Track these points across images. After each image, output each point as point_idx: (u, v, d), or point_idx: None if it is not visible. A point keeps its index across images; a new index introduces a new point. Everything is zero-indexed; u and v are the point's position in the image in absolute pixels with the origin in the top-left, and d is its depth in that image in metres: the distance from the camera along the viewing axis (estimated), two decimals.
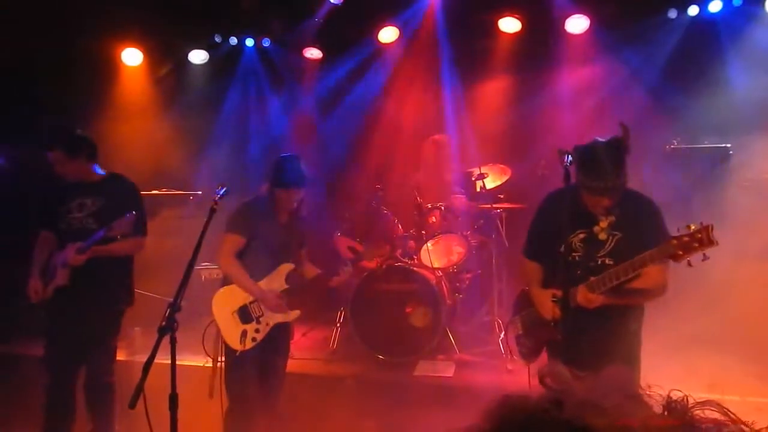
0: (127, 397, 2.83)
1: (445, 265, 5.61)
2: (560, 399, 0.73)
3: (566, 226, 3.13)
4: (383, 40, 6.92)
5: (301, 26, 6.94)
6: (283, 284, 3.94)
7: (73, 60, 6.50)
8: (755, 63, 5.88)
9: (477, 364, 5.23)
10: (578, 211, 3.14)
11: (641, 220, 3.11)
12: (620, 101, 6.30)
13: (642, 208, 3.15)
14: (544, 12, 6.43)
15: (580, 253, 3.18)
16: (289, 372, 5.04)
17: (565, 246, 3.14)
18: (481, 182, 5.72)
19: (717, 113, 5.78)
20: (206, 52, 7.17)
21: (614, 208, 3.11)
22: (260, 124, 7.20)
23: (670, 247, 2.79)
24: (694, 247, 2.74)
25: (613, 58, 6.40)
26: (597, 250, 3.15)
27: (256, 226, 3.88)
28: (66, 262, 4.01)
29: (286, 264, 3.95)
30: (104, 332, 4.21)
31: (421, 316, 5.31)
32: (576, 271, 3.14)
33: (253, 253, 3.91)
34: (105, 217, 4.01)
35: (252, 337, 3.87)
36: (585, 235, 3.18)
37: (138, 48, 7.09)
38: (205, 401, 3.94)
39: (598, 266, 3.12)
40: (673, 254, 2.79)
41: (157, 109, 7.17)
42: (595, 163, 2.97)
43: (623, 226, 3.12)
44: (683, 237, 2.77)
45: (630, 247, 3.02)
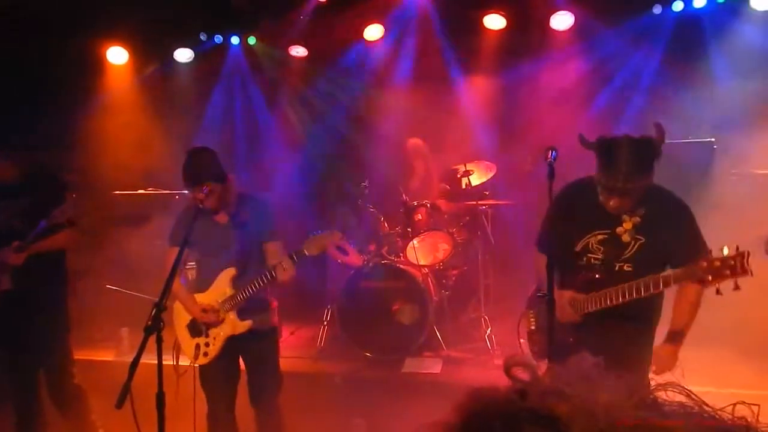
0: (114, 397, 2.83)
1: (431, 262, 5.62)
2: (525, 389, 0.73)
3: (584, 224, 2.93)
4: (369, 37, 6.91)
5: (287, 24, 6.92)
6: (226, 292, 3.64)
7: (57, 58, 6.44)
8: (739, 58, 5.92)
9: (464, 361, 5.26)
10: (598, 208, 2.87)
11: (669, 225, 2.83)
12: (605, 97, 6.35)
13: (671, 212, 2.86)
14: (528, 9, 6.45)
15: (598, 256, 2.91)
16: None
17: (583, 246, 2.93)
18: (467, 179, 5.74)
19: (701, 108, 5.82)
20: (192, 50, 7.14)
21: (639, 208, 2.84)
22: (246, 122, 7.17)
23: (699, 270, 2.50)
24: (725, 274, 2.44)
25: (598, 54, 6.43)
26: (618, 254, 2.88)
27: (189, 233, 3.47)
28: (5, 263, 3.90)
29: (228, 269, 3.64)
30: (54, 331, 4.12)
31: (408, 314, 5.32)
32: (594, 274, 2.91)
33: (198, 261, 3.79)
34: (31, 217, 3.89)
35: (204, 352, 3.68)
36: (605, 237, 2.91)
37: (123, 46, 7.04)
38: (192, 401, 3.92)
39: (616, 272, 2.87)
40: (702, 279, 2.51)
41: (142, 107, 7.13)
42: (615, 159, 2.67)
43: (648, 231, 2.84)
44: (714, 261, 2.47)
45: (654, 254, 2.79)
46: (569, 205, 3.00)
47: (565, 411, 0.69)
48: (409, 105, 6.70)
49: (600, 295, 2.85)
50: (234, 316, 3.64)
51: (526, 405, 0.71)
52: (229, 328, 3.65)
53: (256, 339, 3.70)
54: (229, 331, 3.64)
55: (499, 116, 6.56)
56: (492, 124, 6.54)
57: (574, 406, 0.70)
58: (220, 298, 3.64)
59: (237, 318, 3.64)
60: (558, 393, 0.71)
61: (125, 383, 2.82)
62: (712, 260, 2.48)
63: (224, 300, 3.63)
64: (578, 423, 0.68)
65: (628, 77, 6.40)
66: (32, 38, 6.38)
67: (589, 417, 0.69)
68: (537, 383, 0.74)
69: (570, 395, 0.71)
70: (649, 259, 2.79)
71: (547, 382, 0.75)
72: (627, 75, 6.41)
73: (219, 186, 3.52)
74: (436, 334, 5.36)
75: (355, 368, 5.24)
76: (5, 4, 6.07)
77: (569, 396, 0.71)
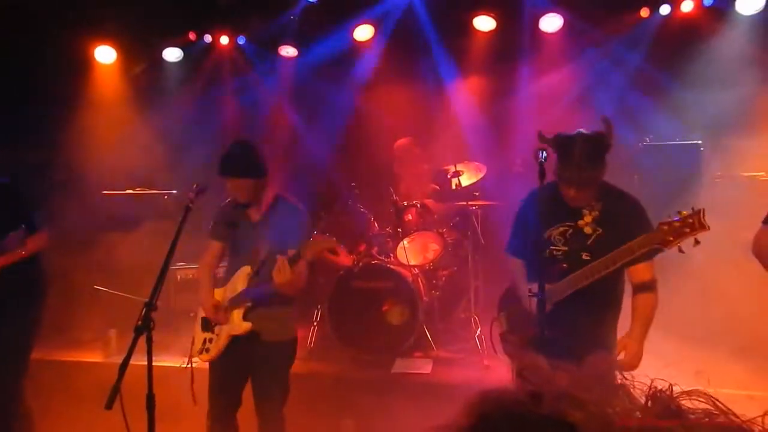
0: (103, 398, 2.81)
1: (421, 262, 5.63)
2: (539, 393, 0.71)
3: (547, 219, 3.14)
4: (359, 38, 6.91)
5: (277, 24, 6.91)
6: (239, 288, 3.59)
7: (44, 57, 6.39)
8: (725, 62, 5.99)
9: (454, 361, 5.27)
10: (560, 205, 3.12)
11: (624, 218, 3.04)
12: (594, 98, 6.39)
13: (626, 207, 3.09)
14: (518, 11, 6.48)
15: (561, 248, 3.13)
16: None
17: (545, 240, 3.13)
18: (457, 180, 5.76)
19: (689, 111, 5.88)
20: (180, 49, 7.10)
21: (597, 203, 3.07)
22: (235, 122, 7.15)
23: (660, 233, 2.73)
24: (685, 232, 2.67)
25: (587, 56, 6.48)
26: (582, 245, 3.09)
27: (228, 227, 3.68)
28: None
29: (245, 266, 3.59)
30: (11, 348, 3.95)
31: (398, 314, 5.33)
32: (561, 264, 3.10)
33: (228, 257, 3.77)
34: None
35: (206, 348, 3.66)
36: (566, 229, 3.13)
37: (111, 45, 7.00)
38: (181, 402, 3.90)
39: (581, 261, 3.06)
40: (663, 240, 2.72)
41: (131, 107, 7.09)
42: (569, 152, 2.93)
43: (605, 224, 3.07)
44: (674, 222, 2.70)
45: (612, 246, 2.94)
46: (534, 206, 3.25)
47: (580, 418, 0.68)
48: (399, 106, 6.71)
49: (568, 281, 3.03)
50: (239, 315, 3.58)
51: (540, 410, 0.70)
52: (231, 328, 3.59)
53: (267, 348, 3.59)
54: (231, 331, 3.59)
55: (489, 117, 6.59)
56: (482, 125, 6.57)
57: (590, 413, 0.68)
58: (230, 294, 3.62)
59: (240, 318, 3.57)
60: (573, 399, 0.70)
61: (115, 384, 2.81)
62: (671, 222, 2.70)
63: (234, 296, 3.59)
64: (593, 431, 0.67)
65: (617, 78, 6.45)
66: (19, 36, 6.33)
67: (605, 426, 0.68)
68: (551, 387, 0.72)
69: (585, 402, 0.69)
70: (607, 251, 2.96)
71: (561, 385, 0.73)
72: (615, 77, 6.46)
73: (251, 181, 3.50)
74: (426, 334, 5.36)
75: (345, 368, 5.23)
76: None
77: (585, 402, 0.69)
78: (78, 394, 4.73)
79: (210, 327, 3.67)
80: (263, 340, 3.58)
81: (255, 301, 3.56)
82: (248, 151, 3.57)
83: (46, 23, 6.36)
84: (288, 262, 3.31)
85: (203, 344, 3.67)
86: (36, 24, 6.33)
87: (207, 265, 3.78)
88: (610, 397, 0.71)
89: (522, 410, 0.71)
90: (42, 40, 6.41)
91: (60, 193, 6.14)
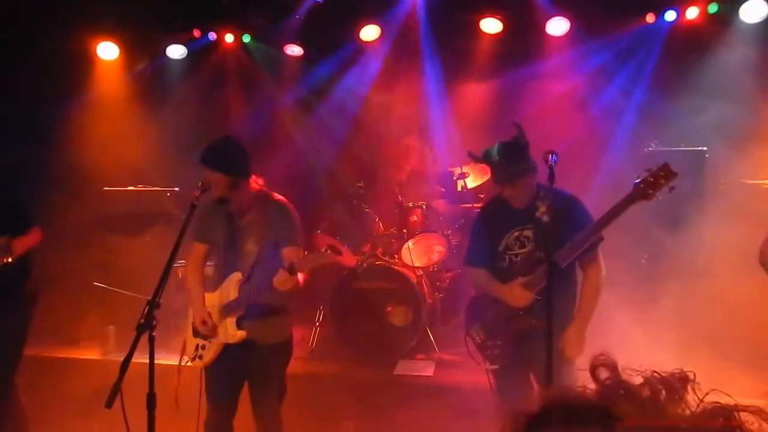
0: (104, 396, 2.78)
1: (425, 264, 5.61)
2: (611, 389, 0.74)
3: (499, 229, 3.45)
4: (365, 38, 6.88)
5: (282, 23, 6.88)
6: (229, 296, 3.50)
7: (46, 53, 6.35)
8: (731, 68, 5.99)
9: (457, 364, 5.22)
10: (509, 212, 3.43)
11: (568, 208, 3.35)
12: (600, 103, 6.39)
13: (568, 200, 3.41)
14: (525, 13, 6.47)
15: (519, 251, 3.41)
16: None
17: (502, 250, 3.44)
18: (462, 181, 5.74)
19: (694, 117, 5.87)
20: (184, 47, 7.06)
21: (545, 199, 3.26)
22: (240, 121, 7.11)
23: (639, 189, 3.03)
24: (661, 183, 3.00)
25: (594, 60, 6.47)
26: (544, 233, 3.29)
27: (209, 228, 3.59)
28: None
29: (235, 273, 3.50)
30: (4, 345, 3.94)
31: (401, 315, 5.30)
32: (535, 253, 3.35)
33: (214, 259, 3.68)
34: None
35: (199, 354, 3.57)
36: (519, 233, 3.42)
37: (114, 42, 6.94)
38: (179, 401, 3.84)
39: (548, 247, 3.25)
40: (644, 194, 3.02)
41: (133, 104, 7.04)
42: (492, 157, 3.33)
43: (555, 213, 3.24)
44: (647, 178, 3.02)
45: (554, 233, 3.18)
46: (485, 220, 3.62)
47: (629, 411, 0.71)
48: (404, 106, 6.68)
49: (569, 247, 3.22)
50: (232, 323, 3.48)
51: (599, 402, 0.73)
52: (225, 336, 3.49)
53: (261, 352, 3.52)
54: (224, 339, 3.50)
55: (495, 119, 6.56)
56: (488, 127, 6.54)
57: (642, 408, 0.72)
58: (224, 301, 3.51)
59: (234, 326, 3.48)
60: (635, 393, 0.73)
61: (116, 383, 2.78)
62: (645, 178, 3.02)
63: (227, 304, 3.49)
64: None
65: (622, 84, 6.45)
66: (22, 31, 6.29)
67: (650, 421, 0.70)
68: (624, 385, 0.75)
69: (643, 399, 0.73)
70: (552, 238, 3.21)
71: (634, 384, 0.75)
72: (621, 82, 6.47)
73: (224, 177, 3.40)
74: (429, 336, 5.34)
75: (346, 369, 5.21)
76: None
77: (642, 400, 0.73)
78: (75, 392, 4.69)
79: (201, 333, 3.58)
80: (258, 344, 3.51)
81: (249, 309, 3.47)
82: (229, 147, 3.51)
83: (49, 19, 6.31)
84: (288, 273, 3.22)
85: (195, 350, 3.59)
86: (38, 19, 6.28)
87: (196, 268, 3.65)
88: (675, 406, 0.73)
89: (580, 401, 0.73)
90: (44, 36, 6.37)
91: (60, 189, 6.11)
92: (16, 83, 6.34)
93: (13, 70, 6.34)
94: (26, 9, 6.22)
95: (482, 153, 3.43)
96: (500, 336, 3.48)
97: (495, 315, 3.49)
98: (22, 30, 6.27)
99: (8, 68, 6.29)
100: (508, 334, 3.45)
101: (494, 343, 3.51)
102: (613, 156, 5.94)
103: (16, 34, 6.27)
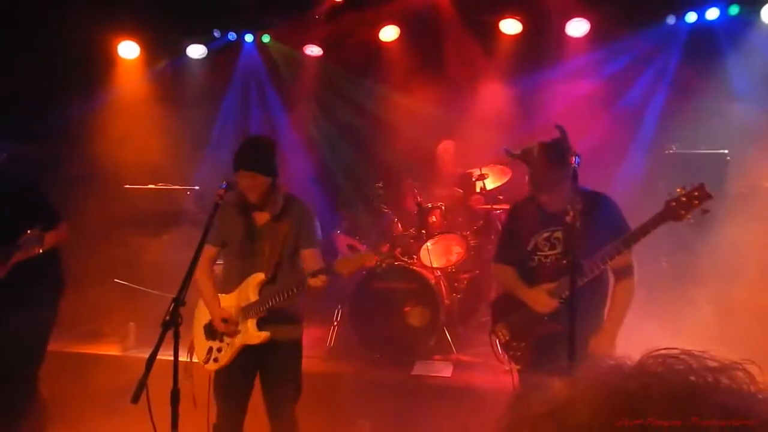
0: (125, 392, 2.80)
1: (444, 264, 5.60)
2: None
3: (530, 229, 3.38)
4: (384, 38, 6.90)
5: (302, 23, 6.91)
6: (249, 298, 3.44)
7: (68, 52, 6.41)
8: (752, 70, 5.94)
9: (474, 365, 5.21)
10: (540, 214, 3.37)
11: (602, 212, 3.27)
12: (620, 105, 6.36)
13: (602, 202, 3.32)
14: (544, 14, 6.46)
15: (549, 253, 3.34)
16: None
17: (531, 249, 3.37)
18: (482, 183, 5.74)
19: (715, 119, 5.83)
20: (204, 46, 7.11)
21: (576, 203, 3.17)
22: (260, 120, 7.15)
23: (670, 209, 2.92)
24: (694, 204, 2.89)
25: (613, 62, 6.44)
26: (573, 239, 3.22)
27: (225, 230, 3.47)
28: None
29: (257, 274, 3.44)
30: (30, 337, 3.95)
31: (419, 316, 5.29)
32: (561, 261, 3.28)
33: (226, 260, 3.59)
34: (3, 223, 3.77)
35: (214, 357, 3.48)
36: (549, 234, 3.34)
37: (135, 41, 7.01)
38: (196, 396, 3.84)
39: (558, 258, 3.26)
40: (676, 215, 2.92)
41: (153, 103, 7.10)
42: (535, 161, 3.23)
43: (585, 218, 3.17)
44: (680, 198, 2.91)
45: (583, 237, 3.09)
46: (516, 218, 3.55)
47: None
48: (423, 107, 6.69)
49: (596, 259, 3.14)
50: (253, 324, 3.44)
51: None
52: (245, 337, 3.44)
53: (277, 351, 3.49)
54: (245, 340, 3.44)
55: (514, 121, 6.55)
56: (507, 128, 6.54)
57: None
58: (243, 303, 3.45)
59: (255, 327, 3.44)
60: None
61: (141, 378, 2.79)
62: (678, 197, 2.92)
63: (246, 306, 3.43)
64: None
65: (642, 86, 6.42)
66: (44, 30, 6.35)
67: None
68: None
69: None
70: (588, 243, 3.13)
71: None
72: (641, 83, 6.44)
73: (265, 180, 3.37)
74: (447, 337, 5.33)
75: (364, 369, 5.20)
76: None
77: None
78: (96, 387, 4.73)
79: (216, 335, 3.51)
80: (276, 344, 3.47)
81: (272, 310, 3.41)
82: (266, 147, 3.47)
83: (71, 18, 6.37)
84: (326, 273, 3.23)
85: (208, 353, 3.50)
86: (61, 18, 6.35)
87: (206, 272, 3.55)
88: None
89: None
90: (66, 35, 6.43)
91: (81, 186, 6.17)
92: (38, 81, 6.40)
93: (35, 68, 6.41)
94: (49, 8, 6.28)
95: (521, 151, 3.32)
96: (525, 337, 3.45)
97: (520, 316, 3.45)
98: (45, 28, 6.33)
99: (30, 66, 6.37)
100: (533, 337, 3.42)
101: (519, 344, 3.47)
102: (634, 158, 5.91)
103: (39, 33, 6.34)
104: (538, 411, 0.69)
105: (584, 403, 0.66)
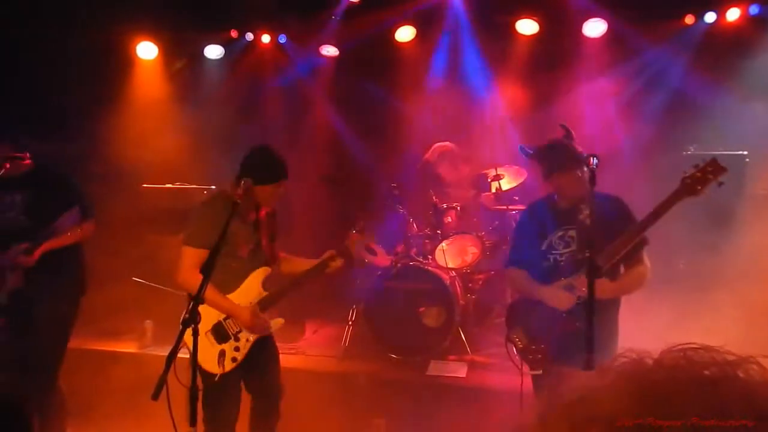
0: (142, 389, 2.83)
1: (459, 265, 5.60)
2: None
3: (544, 229, 3.42)
4: (400, 39, 6.91)
5: (318, 23, 6.93)
6: (260, 292, 3.55)
7: (87, 52, 6.49)
8: None
9: (489, 366, 5.20)
10: (555, 213, 3.42)
11: (606, 211, 3.25)
12: (637, 105, 6.32)
13: (606, 202, 3.33)
14: (561, 15, 6.43)
15: (564, 251, 3.36)
16: (300, 369, 5.07)
17: (545, 249, 3.40)
18: (497, 183, 5.73)
19: (734, 120, 5.78)
20: (222, 47, 7.16)
21: (587, 204, 3.21)
22: (275, 121, 7.18)
23: (686, 185, 2.98)
24: (709, 179, 2.95)
25: (631, 62, 6.41)
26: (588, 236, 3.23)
27: (222, 232, 3.36)
28: (16, 264, 3.82)
29: (261, 268, 3.55)
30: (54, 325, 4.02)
31: (434, 316, 5.30)
32: (577, 256, 3.29)
33: (222, 261, 3.45)
34: (37, 213, 3.88)
35: (231, 357, 3.46)
36: (564, 233, 3.38)
37: (153, 42, 7.07)
38: None
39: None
40: (692, 190, 2.97)
41: (171, 103, 7.16)
42: (551, 149, 3.35)
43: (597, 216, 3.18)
44: (695, 174, 2.97)
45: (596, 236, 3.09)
46: (531, 219, 3.58)
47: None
48: (439, 107, 6.68)
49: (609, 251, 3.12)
50: (269, 316, 3.60)
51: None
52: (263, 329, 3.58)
53: (271, 340, 3.73)
54: (263, 332, 3.58)
55: (531, 122, 6.52)
56: (523, 129, 6.52)
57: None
58: (253, 299, 3.52)
59: (271, 318, 3.59)
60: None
61: (162, 375, 2.81)
62: (693, 174, 2.98)
63: (259, 300, 3.52)
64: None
65: (661, 86, 6.36)
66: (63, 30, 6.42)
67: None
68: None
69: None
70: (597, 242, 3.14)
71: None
72: (659, 84, 6.38)
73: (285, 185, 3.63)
74: (462, 337, 5.33)
75: (379, 369, 5.22)
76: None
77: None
78: (113, 384, 4.79)
79: (227, 336, 3.48)
80: (270, 334, 3.67)
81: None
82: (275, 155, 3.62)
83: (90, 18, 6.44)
84: (342, 256, 3.63)
85: (220, 357, 3.42)
86: (80, 18, 6.42)
87: (197, 275, 3.37)
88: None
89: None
90: (85, 35, 6.51)
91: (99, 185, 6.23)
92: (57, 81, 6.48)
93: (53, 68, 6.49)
94: (68, 8, 6.36)
95: (540, 150, 3.42)
96: (543, 340, 3.43)
97: (537, 319, 3.43)
98: (64, 29, 6.40)
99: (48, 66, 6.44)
100: (551, 337, 3.39)
101: (537, 347, 3.45)
102: (651, 159, 5.86)
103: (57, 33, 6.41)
104: (570, 397, 0.70)
105: (615, 390, 0.68)
